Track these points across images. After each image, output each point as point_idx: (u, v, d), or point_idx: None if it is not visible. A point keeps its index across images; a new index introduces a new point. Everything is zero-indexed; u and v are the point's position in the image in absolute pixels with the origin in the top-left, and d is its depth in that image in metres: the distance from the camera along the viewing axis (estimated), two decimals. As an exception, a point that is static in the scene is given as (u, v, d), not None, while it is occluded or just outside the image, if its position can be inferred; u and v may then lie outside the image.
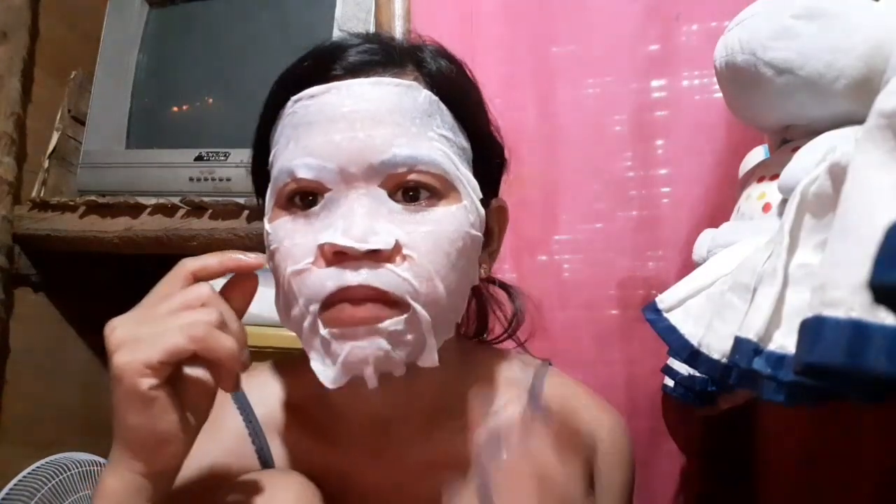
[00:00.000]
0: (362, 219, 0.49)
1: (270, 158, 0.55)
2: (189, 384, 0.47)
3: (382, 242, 0.48)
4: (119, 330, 0.46)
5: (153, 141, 1.15)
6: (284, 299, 0.52)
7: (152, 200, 1.05)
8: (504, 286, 0.73)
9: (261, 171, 0.59)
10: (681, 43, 0.91)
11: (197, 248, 1.02)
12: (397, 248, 0.49)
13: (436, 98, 0.54)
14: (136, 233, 1.05)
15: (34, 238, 1.11)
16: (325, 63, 0.54)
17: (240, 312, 0.50)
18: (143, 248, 1.06)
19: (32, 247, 1.13)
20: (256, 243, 0.98)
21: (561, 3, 0.95)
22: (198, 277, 0.49)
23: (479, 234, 0.55)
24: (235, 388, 0.48)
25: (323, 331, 0.49)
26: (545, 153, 0.93)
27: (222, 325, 0.46)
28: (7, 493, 1.02)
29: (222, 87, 1.14)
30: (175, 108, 1.17)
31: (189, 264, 0.49)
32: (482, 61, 0.94)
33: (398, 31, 0.98)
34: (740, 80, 0.61)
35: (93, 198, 1.08)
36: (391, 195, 0.51)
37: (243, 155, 1.03)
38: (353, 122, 0.50)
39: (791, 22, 0.56)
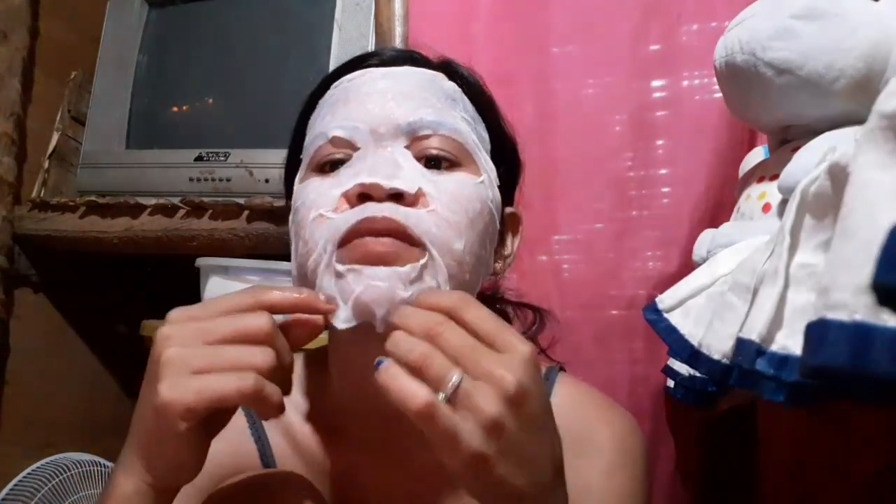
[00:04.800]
0: (387, 165, 0.51)
1: (306, 143, 0.58)
2: (223, 417, 0.47)
3: (407, 184, 0.50)
4: (173, 346, 0.44)
5: (153, 141, 1.15)
6: (303, 249, 0.52)
7: (152, 201, 1.06)
8: (531, 308, 0.75)
9: (294, 160, 0.61)
10: (681, 43, 0.91)
11: (197, 248, 1.02)
12: (420, 194, 0.51)
13: (460, 89, 0.59)
14: (136, 233, 1.05)
15: (34, 238, 1.11)
16: (360, 59, 0.60)
17: (294, 346, 0.48)
18: (143, 248, 1.06)
19: (32, 247, 1.13)
20: (256, 243, 0.98)
21: (561, 2, 0.95)
22: (266, 306, 0.46)
23: (496, 213, 0.57)
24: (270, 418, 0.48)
25: (340, 267, 0.48)
26: (545, 153, 0.93)
27: (273, 368, 0.44)
28: (7, 494, 1.02)
29: (222, 87, 1.14)
30: (175, 108, 1.17)
31: (261, 295, 0.47)
32: (482, 61, 0.93)
33: (398, 31, 0.98)
34: (740, 80, 0.61)
35: (93, 198, 1.09)
36: (415, 158, 0.54)
37: (243, 155, 1.05)
38: (385, 93, 0.55)
39: (791, 22, 0.55)
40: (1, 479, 1.05)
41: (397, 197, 0.50)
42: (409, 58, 0.60)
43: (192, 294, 1.04)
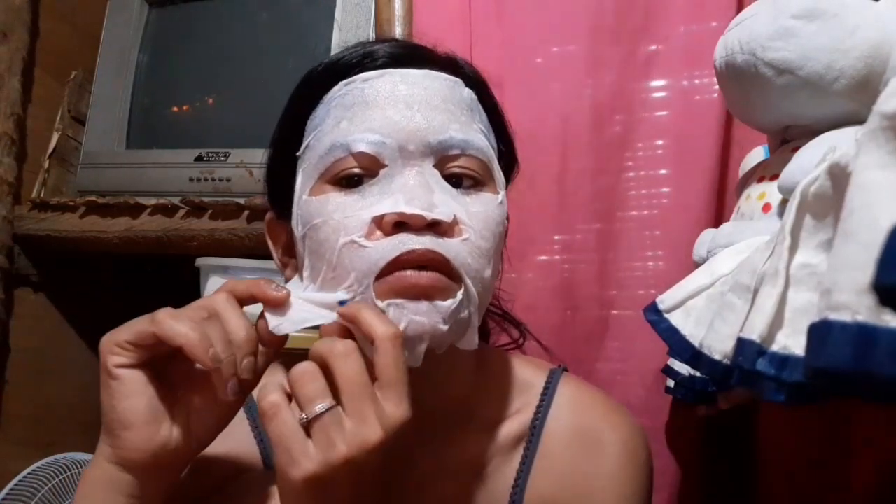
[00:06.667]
0: (423, 191, 0.49)
1: (308, 139, 0.55)
2: (180, 381, 0.49)
3: (445, 214, 0.49)
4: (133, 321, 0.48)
5: (153, 141, 1.15)
6: (328, 275, 0.51)
7: (152, 201, 1.05)
8: (514, 322, 0.76)
9: (287, 152, 0.58)
10: (681, 43, 0.91)
11: (197, 248, 1.02)
12: (455, 222, 0.50)
13: (475, 96, 0.57)
14: (136, 233, 1.05)
15: (34, 238, 1.11)
16: (373, 54, 0.56)
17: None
18: (143, 248, 1.06)
19: (32, 247, 1.13)
20: (256, 243, 0.98)
21: (560, 3, 0.95)
22: (228, 290, 0.49)
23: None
24: (229, 396, 0.47)
25: (380, 303, 0.48)
26: (545, 153, 0.93)
27: (223, 333, 0.47)
28: (7, 494, 1.02)
29: (222, 87, 1.14)
30: (175, 108, 1.17)
31: (228, 283, 0.50)
32: (482, 61, 0.93)
33: (398, 31, 0.98)
34: (740, 80, 0.61)
35: (93, 198, 1.08)
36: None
37: (243, 155, 1.05)
38: (411, 104, 0.52)
39: (791, 22, 0.56)
40: (1, 479, 1.05)
41: (434, 225, 0.49)
42: (422, 58, 0.57)
43: (192, 294, 1.04)
